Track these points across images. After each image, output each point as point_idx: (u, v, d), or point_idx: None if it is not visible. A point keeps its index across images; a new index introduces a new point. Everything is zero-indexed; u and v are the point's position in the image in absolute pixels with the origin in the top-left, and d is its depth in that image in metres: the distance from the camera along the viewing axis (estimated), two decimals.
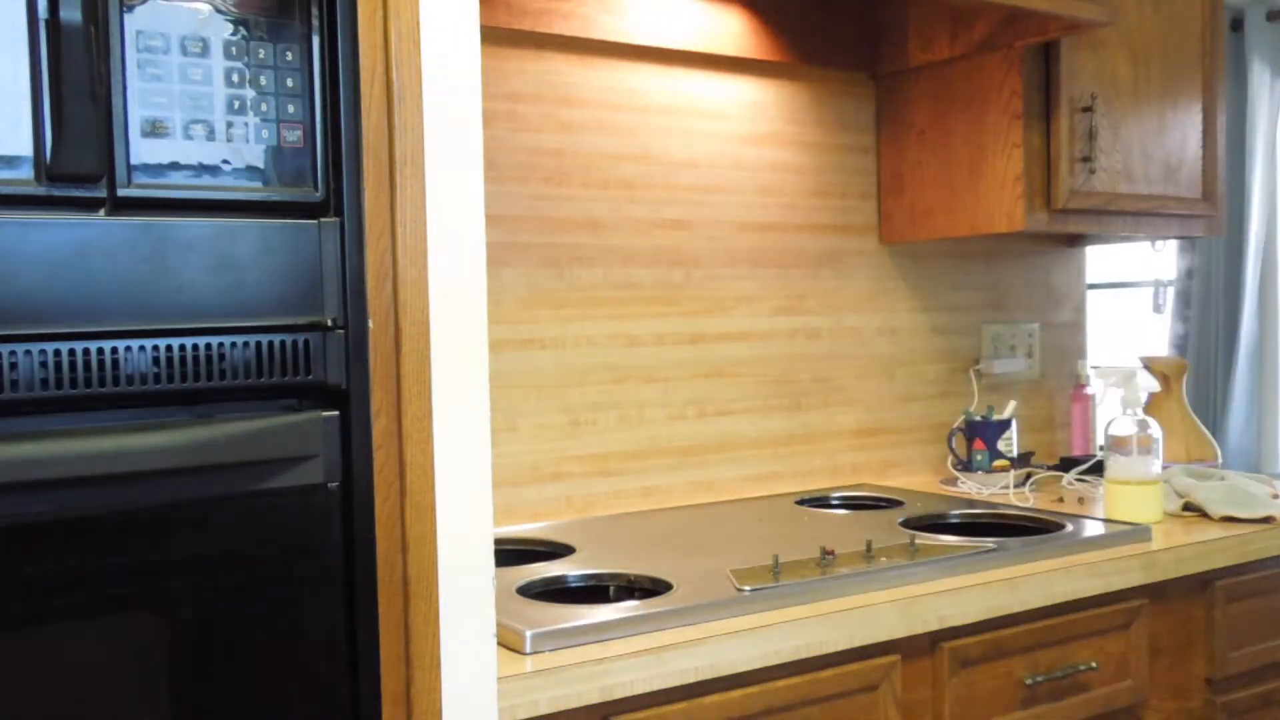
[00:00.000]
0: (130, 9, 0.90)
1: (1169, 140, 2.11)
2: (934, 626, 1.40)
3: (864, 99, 2.19)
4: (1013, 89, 1.95)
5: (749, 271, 2.04)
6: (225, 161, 0.94)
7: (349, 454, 1.00)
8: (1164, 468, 1.86)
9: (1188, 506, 1.86)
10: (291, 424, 0.98)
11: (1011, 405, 2.20)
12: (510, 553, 1.57)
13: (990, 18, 1.92)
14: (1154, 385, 1.85)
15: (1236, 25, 2.83)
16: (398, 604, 1.03)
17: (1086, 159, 1.98)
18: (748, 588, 1.35)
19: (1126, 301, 3.05)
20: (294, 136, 0.97)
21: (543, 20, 1.77)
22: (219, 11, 0.93)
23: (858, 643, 1.34)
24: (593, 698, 1.16)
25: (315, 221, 0.98)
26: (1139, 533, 1.69)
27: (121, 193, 0.91)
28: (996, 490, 2.05)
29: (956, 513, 1.85)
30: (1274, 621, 1.83)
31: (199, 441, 0.93)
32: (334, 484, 1.00)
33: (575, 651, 1.19)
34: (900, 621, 1.37)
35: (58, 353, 0.88)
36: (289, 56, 0.96)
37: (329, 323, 0.99)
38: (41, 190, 0.88)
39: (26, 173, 0.87)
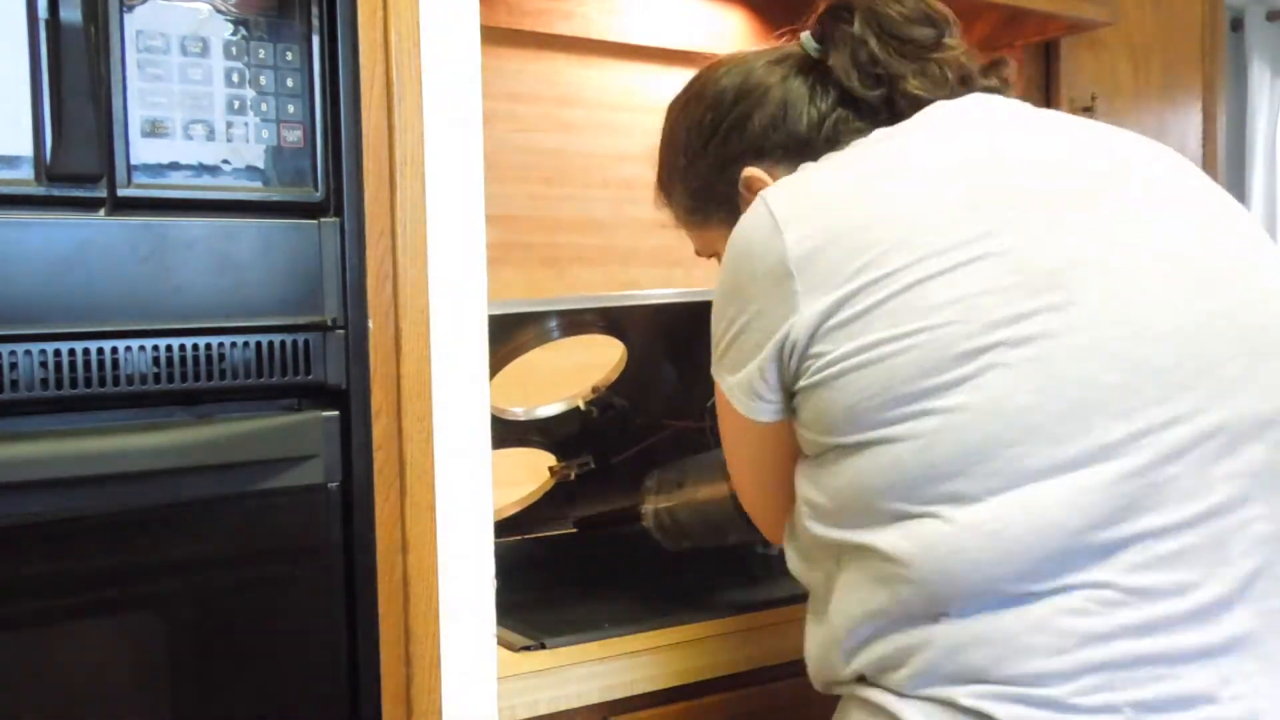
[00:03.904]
0: (130, 9, 0.90)
1: (1169, 140, 2.11)
2: None
3: None
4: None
5: None
6: (225, 161, 0.94)
7: (349, 454, 1.00)
8: None
9: None
10: (291, 424, 0.98)
11: None
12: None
13: (990, 18, 1.91)
14: None
15: (1236, 25, 2.83)
16: (398, 604, 1.03)
17: None
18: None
19: None
20: (294, 136, 0.97)
21: (543, 20, 1.77)
22: (219, 11, 0.93)
23: None
24: (593, 698, 1.16)
25: (315, 221, 0.98)
26: None
27: (121, 193, 0.91)
28: None
29: None
30: None
31: (199, 441, 0.93)
32: (334, 484, 1.00)
33: (575, 650, 1.19)
34: None
35: (58, 353, 0.88)
36: (289, 56, 0.96)
37: (329, 323, 0.99)
38: (41, 190, 0.88)
39: (26, 173, 0.87)
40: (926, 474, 0.80)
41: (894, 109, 0.98)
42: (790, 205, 0.87)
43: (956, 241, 0.81)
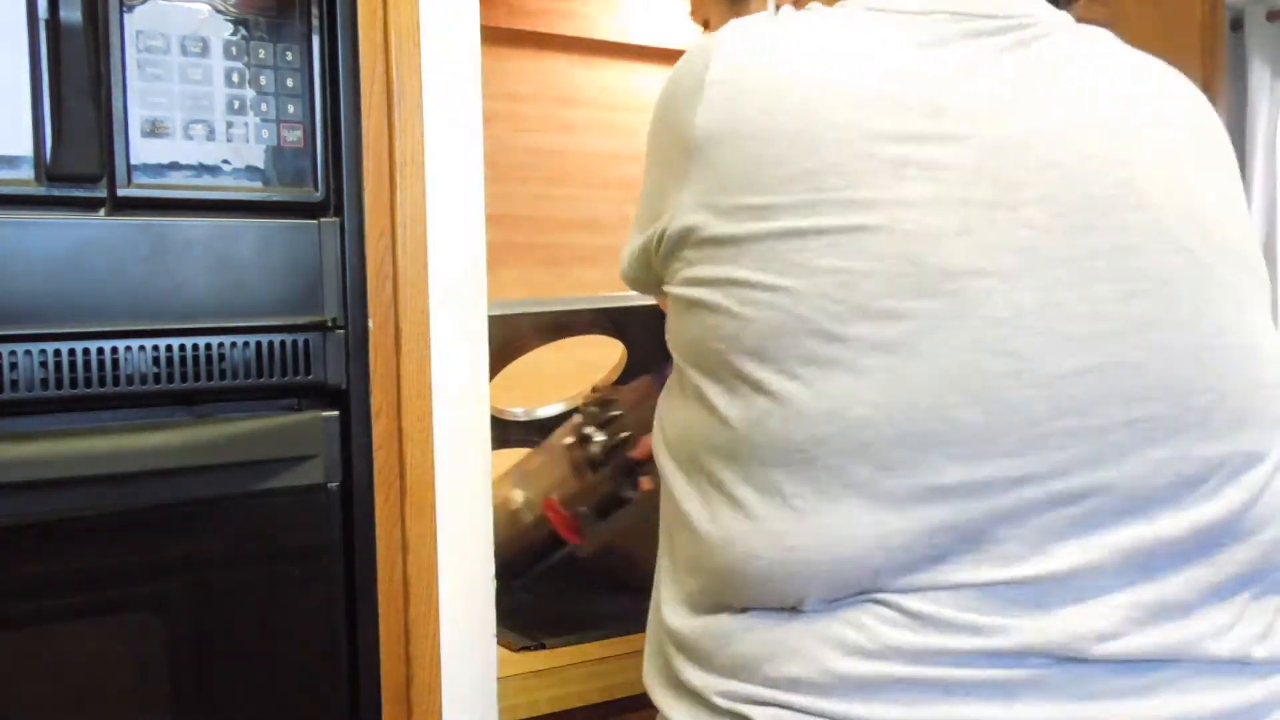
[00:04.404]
0: (130, 9, 0.90)
1: None
2: None
3: None
4: None
5: None
6: (225, 161, 0.94)
7: (349, 454, 1.00)
8: None
9: None
10: (291, 424, 0.98)
11: None
12: None
13: None
14: None
15: (1236, 25, 2.83)
16: (398, 604, 1.03)
17: None
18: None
19: None
20: (294, 136, 0.97)
21: (543, 20, 1.77)
22: (219, 11, 0.93)
23: None
24: (593, 697, 1.16)
25: (315, 221, 0.98)
26: None
27: (121, 193, 0.90)
28: None
29: None
30: None
31: (198, 441, 0.93)
32: (334, 484, 1.00)
33: (575, 650, 1.19)
34: None
35: (58, 353, 0.88)
36: (289, 56, 0.96)
37: (329, 323, 0.98)
38: (41, 190, 0.88)
39: (26, 173, 0.87)
40: (750, 452, 0.70)
41: None
42: (729, 66, 0.73)
43: (862, 199, 0.68)
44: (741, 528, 0.71)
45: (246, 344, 0.95)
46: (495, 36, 1.75)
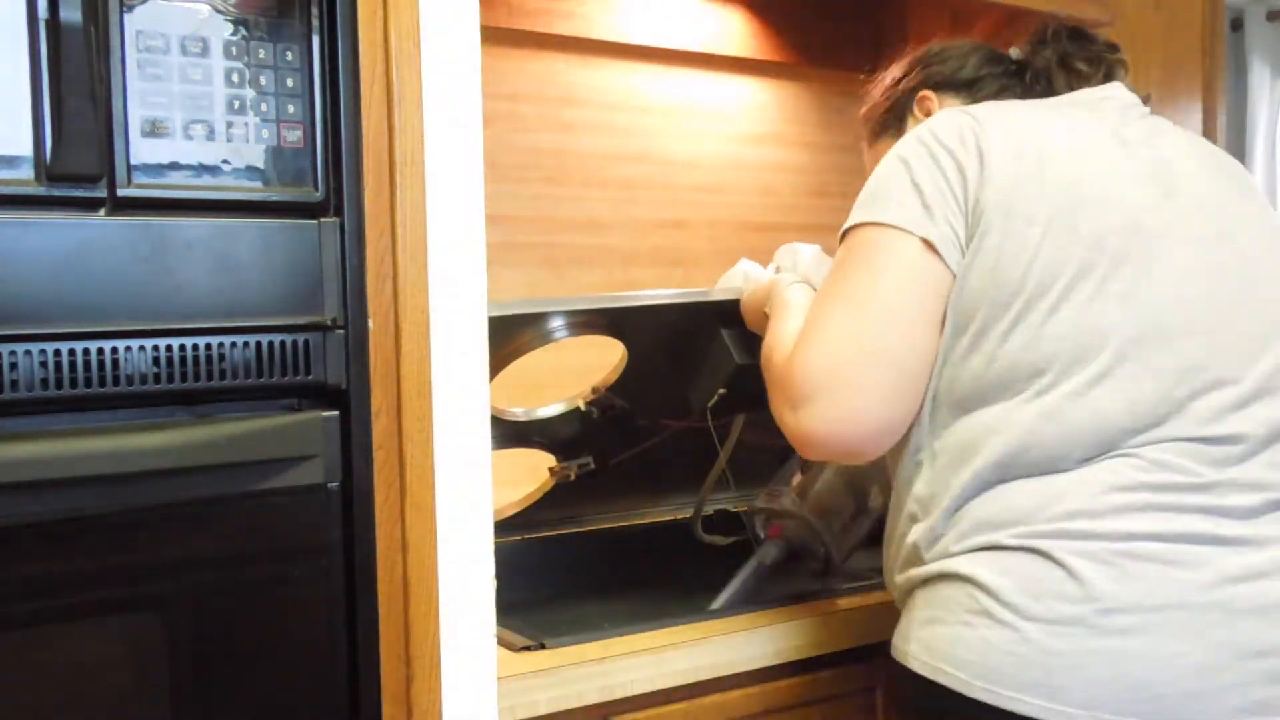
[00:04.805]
0: (130, 9, 0.90)
1: None
2: None
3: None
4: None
5: None
6: (225, 161, 0.94)
7: (349, 454, 1.00)
8: None
9: None
10: (291, 424, 0.98)
11: None
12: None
13: (990, 17, 1.91)
14: None
15: (1236, 25, 2.83)
16: (398, 604, 1.03)
17: None
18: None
19: None
20: (294, 136, 0.97)
21: (543, 20, 1.77)
22: (219, 11, 0.93)
23: (859, 643, 1.34)
24: (593, 697, 1.16)
25: (315, 221, 0.98)
26: None
27: (121, 193, 0.91)
28: None
29: None
30: None
31: (198, 441, 0.93)
32: (334, 484, 1.00)
33: (575, 650, 1.19)
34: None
35: (58, 353, 0.88)
36: (289, 56, 0.96)
37: (329, 323, 0.99)
38: (41, 190, 0.88)
39: (26, 173, 0.87)
40: (1029, 368, 1.02)
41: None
42: (988, 121, 1.08)
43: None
44: (1025, 418, 1.01)
45: (246, 344, 0.95)
46: (495, 36, 1.75)
